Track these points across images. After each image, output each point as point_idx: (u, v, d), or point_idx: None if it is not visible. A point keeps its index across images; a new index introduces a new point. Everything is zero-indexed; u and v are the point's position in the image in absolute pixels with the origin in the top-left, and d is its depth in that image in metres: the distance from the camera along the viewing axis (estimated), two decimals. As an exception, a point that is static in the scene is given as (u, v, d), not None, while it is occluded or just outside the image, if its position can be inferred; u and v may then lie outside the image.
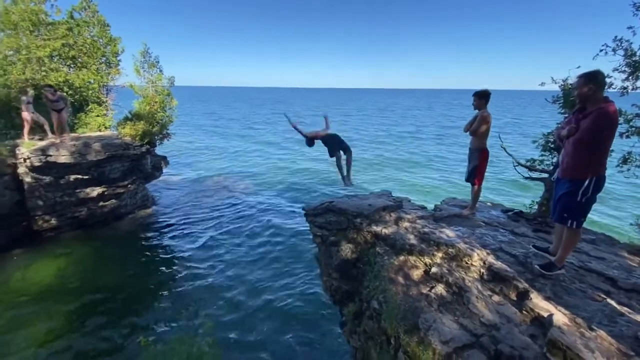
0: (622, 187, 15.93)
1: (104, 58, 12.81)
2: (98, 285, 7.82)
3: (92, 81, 12.32)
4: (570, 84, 5.45)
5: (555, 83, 5.65)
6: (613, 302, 3.02)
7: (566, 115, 5.49)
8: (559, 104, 5.70)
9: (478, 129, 4.69)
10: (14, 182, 9.39)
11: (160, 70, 12.44)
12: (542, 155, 6.04)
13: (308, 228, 5.96)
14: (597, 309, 2.95)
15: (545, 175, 5.90)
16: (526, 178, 6.28)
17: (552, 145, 5.85)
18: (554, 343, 2.61)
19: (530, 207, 6.27)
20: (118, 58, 13.14)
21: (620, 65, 5.06)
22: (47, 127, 10.24)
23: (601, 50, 5.06)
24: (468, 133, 4.85)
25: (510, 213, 5.48)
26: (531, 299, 3.14)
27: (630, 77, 5.02)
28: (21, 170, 9.37)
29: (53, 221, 10.04)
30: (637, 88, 5.09)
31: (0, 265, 8.52)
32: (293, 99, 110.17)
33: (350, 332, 4.51)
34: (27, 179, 9.42)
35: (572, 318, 2.85)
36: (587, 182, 3.06)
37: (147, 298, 7.51)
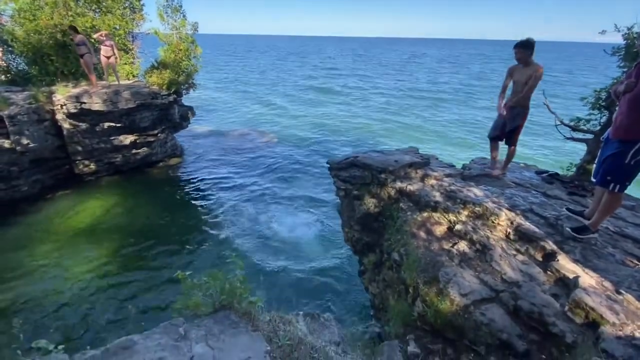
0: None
1: (128, 2, 12.51)
2: (135, 226, 8.51)
3: (117, 27, 12.19)
4: (636, 33, 4.78)
5: (619, 31, 4.96)
6: (646, 269, 2.92)
7: (626, 69, 4.90)
8: (619, 56, 5.06)
9: (534, 88, 4.17)
10: (54, 127, 9.90)
11: (184, 16, 12.07)
12: (589, 114, 5.54)
13: (332, 181, 6.01)
14: (628, 275, 2.87)
15: (590, 136, 5.47)
16: (567, 138, 5.86)
17: (604, 103, 5.33)
18: (576, 303, 2.60)
19: (568, 170, 5.93)
20: (142, 2, 12.79)
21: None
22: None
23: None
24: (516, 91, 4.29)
25: (544, 175, 5.22)
26: (558, 260, 3.09)
27: None
28: (59, 116, 9.81)
29: (92, 166, 10.69)
30: None
31: (49, 204, 9.36)
32: (311, 48, 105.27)
33: (370, 280, 4.71)
34: (66, 125, 9.89)
35: (599, 281, 2.80)
36: (639, 144, 2.80)
37: (180, 238, 8.14)
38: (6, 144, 8.74)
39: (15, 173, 9.16)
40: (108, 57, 10.31)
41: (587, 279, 2.82)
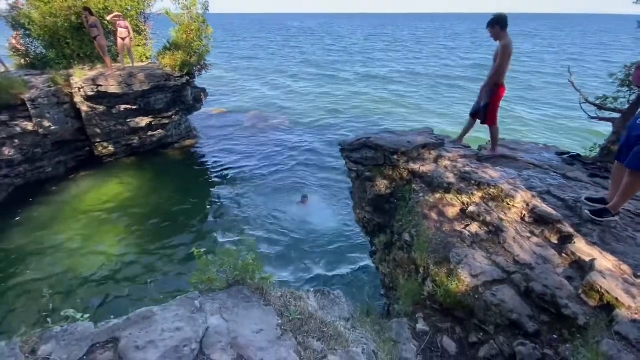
0: None
1: (139, -18, 12.39)
2: (152, 205, 8.82)
3: (129, 8, 12.15)
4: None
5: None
6: (667, 253, 2.83)
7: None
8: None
9: (505, 64, 4.13)
10: (73, 110, 10.15)
11: (194, -5, 11.88)
12: (617, 92, 5.25)
13: (343, 163, 5.98)
14: (648, 258, 2.79)
15: (617, 115, 5.20)
16: (592, 118, 5.59)
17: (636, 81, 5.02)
18: (591, 285, 2.56)
19: (591, 150, 5.70)
20: (153, -18, 12.65)
21: None
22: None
23: None
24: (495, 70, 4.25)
25: (565, 156, 5.04)
26: (574, 243, 3.02)
27: None
28: (77, 99, 10.03)
29: (110, 148, 10.99)
30: None
31: (72, 185, 9.74)
32: (326, 26, 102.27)
33: (380, 260, 4.75)
34: (84, 108, 10.12)
35: (617, 265, 2.74)
36: None
37: (195, 217, 8.42)
38: (29, 126, 9.06)
39: (39, 155, 9.53)
40: (123, 39, 10.35)
41: (604, 262, 2.76)
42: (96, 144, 10.78)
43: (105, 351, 1.72)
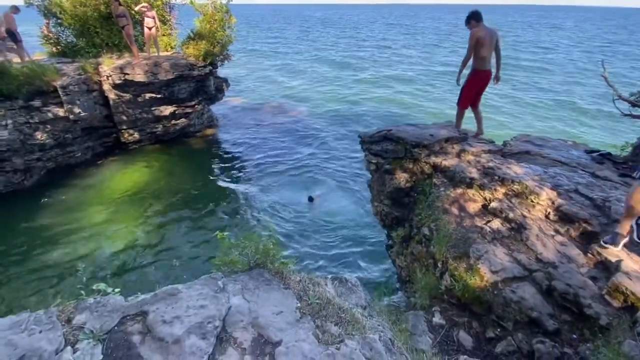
0: None
1: (165, -28, 12.59)
2: (176, 190, 9.14)
3: (155, -2, 12.39)
4: None
5: None
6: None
7: None
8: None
9: (472, 48, 4.55)
10: (102, 97, 10.53)
11: (219, -16, 11.96)
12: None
13: (361, 155, 5.97)
14: (681, 262, 2.67)
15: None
16: (625, 115, 5.32)
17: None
18: (616, 287, 2.49)
19: (622, 149, 5.43)
20: (178, -28, 12.82)
21: None
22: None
23: None
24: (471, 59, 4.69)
25: (595, 154, 4.84)
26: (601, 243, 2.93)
27: None
28: (105, 87, 10.39)
29: (136, 135, 11.36)
30: None
31: (100, 170, 10.17)
32: (342, 17, 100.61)
33: (397, 253, 4.75)
34: (111, 96, 10.47)
35: (644, 266, 2.64)
36: None
37: (217, 203, 8.71)
38: (60, 112, 9.47)
39: (70, 140, 9.97)
40: (150, 29, 10.58)
41: (631, 263, 2.67)
42: (122, 131, 11.17)
43: (135, 323, 1.83)
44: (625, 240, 2.79)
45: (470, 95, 5.01)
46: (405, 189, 4.99)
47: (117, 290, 2.09)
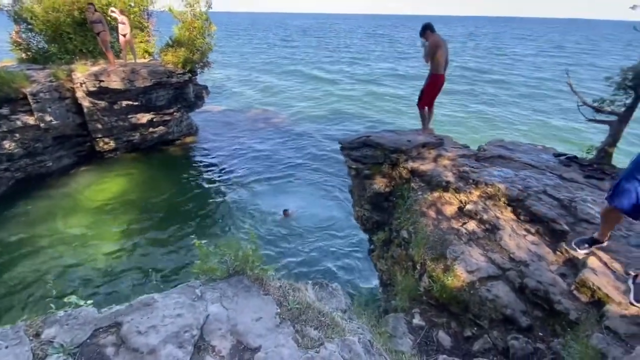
0: None
1: (143, -22, 12.43)
2: (154, 200, 8.89)
3: (132, 4, 12.19)
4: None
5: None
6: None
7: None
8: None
9: (429, 54, 5.09)
10: (75, 105, 10.19)
11: (198, -8, 11.91)
12: (614, 95, 5.30)
13: (343, 160, 6.04)
14: (639, 257, 2.85)
15: (614, 117, 5.26)
16: (590, 120, 5.65)
17: (630, 84, 5.08)
18: (583, 282, 2.62)
19: (588, 152, 5.75)
20: (156, -22, 12.69)
21: None
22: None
23: None
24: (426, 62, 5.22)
25: (562, 157, 5.10)
26: (568, 241, 3.08)
27: None
28: (79, 94, 10.07)
29: (111, 143, 11.02)
30: None
31: (73, 180, 9.79)
32: (326, 27, 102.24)
33: (378, 257, 4.81)
34: (85, 103, 10.15)
35: (609, 262, 2.79)
36: None
37: (195, 212, 8.55)
38: (30, 120, 9.09)
39: (40, 149, 9.56)
40: (124, 35, 10.39)
41: (596, 259, 2.82)
42: (97, 140, 10.82)
43: (108, 335, 1.77)
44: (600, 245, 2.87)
45: (430, 96, 5.51)
46: (385, 194, 5.08)
47: (89, 302, 2.02)
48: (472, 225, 3.66)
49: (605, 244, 2.91)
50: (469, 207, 3.87)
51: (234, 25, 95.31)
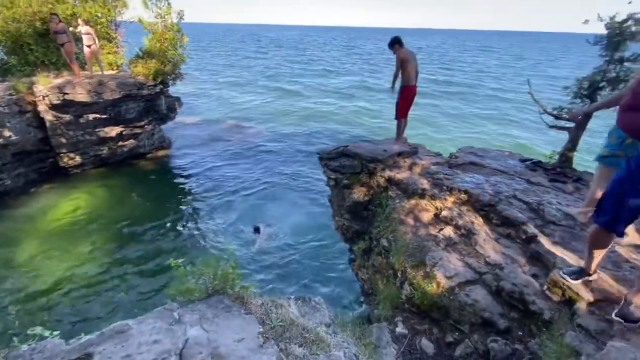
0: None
1: (110, -11, 12.10)
2: (124, 217, 8.44)
3: (99, 15, 11.81)
4: (617, 23, 4.90)
5: (602, 21, 5.07)
6: (621, 250, 3.08)
7: (607, 58, 5.04)
8: (602, 45, 5.19)
9: (400, 67, 5.29)
10: (37, 119, 9.62)
11: (169, 3, 11.74)
12: (571, 103, 5.70)
13: (321, 171, 6.06)
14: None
15: (571, 124, 5.64)
16: (551, 127, 6.02)
17: (585, 92, 5.49)
18: (554, 282, 2.75)
19: (551, 157, 6.11)
20: (124, -11, 12.39)
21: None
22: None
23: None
24: (399, 75, 5.40)
25: (528, 162, 5.39)
26: (539, 243, 3.23)
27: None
28: (41, 107, 9.53)
29: (77, 158, 10.46)
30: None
31: (35, 198, 9.16)
32: (297, 38, 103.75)
33: (359, 266, 4.83)
34: (48, 117, 9.62)
35: (577, 262, 2.94)
36: None
37: (170, 228, 8.15)
38: (-14, 136, 8.49)
39: (-3, 166, 8.93)
40: (89, 46, 10.02)
41: (565, 259, 2.97)
42: (61, 155, 10.24)
43: (78, 368, 1.65)
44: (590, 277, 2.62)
45: (404, 107, 5.68)
46: (364, 203, 5.13)
47: (56, 333, 1.88)
48: (448, 231, 3.76)
49: (593, 276, 2.58)
50: (444, 213, 3.98)
51: (207, 36, 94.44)
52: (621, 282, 2.64)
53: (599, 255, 2.47)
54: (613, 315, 2.31)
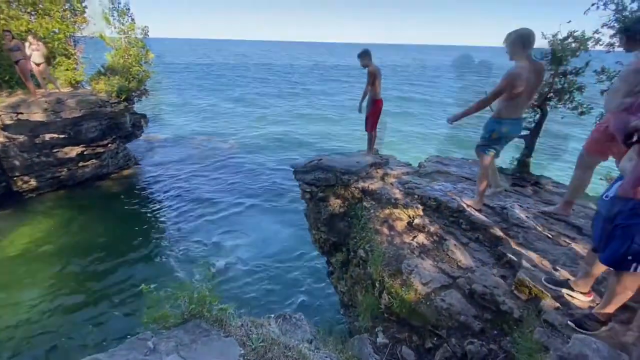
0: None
1: (68, 4, 11.63)
2: (88, 242, 7.93)
3: (57, 31, 11.28)
4: (559, 40, 5.40)
5: (545, 38, 5.58)
6: (576, 247, 3.32)
7: (552, 71, 5.51)
8: (547, 60, 5.69)
9: (371, 82, 5.44)
10: (-15, 141, 8.92)
11: (132, 19, 11.47)
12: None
13: (295, 185, 6.07)
14: (562, 253, 3.25)
15: (526, 132, 6.08)
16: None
17: (537, 103, 5.95)
18: (521, 282, 2.90)
19: (511, 163, 6.52)
20: (84, 4, 11.95)
21: (610, 21, 5.01)
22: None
23: (593, 4, 4.98)
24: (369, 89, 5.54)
25: (490, 169, 5.71)
26: (504, 245, 3.42)
27: (617, 34, 5.00)
28: (-9, 128, 8.87)
29: (33, 182, 9.76)
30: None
31: (-17, 227, 8.39)
32: (275, 53, 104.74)
33: (338, 278, 4.83)
34: (0, 139, 8.96)
35: (539, 260, 3.14)
36: None
37: (138, 252, 7.74)
38: None
39: (-61, 194, 8.12)
40: (38, 65, 9.47)
41: (529, 259, 3.16)
42: (15, 179, 9.51)
43: (41, 413, 1.52)
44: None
45: (375, 121, 5.84)
46: (340, 214, 5.19)
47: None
48: (421, 238, 3.88)
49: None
50: (417, 221, 4.11)
51: (173, 51, 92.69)
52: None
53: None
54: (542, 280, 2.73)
